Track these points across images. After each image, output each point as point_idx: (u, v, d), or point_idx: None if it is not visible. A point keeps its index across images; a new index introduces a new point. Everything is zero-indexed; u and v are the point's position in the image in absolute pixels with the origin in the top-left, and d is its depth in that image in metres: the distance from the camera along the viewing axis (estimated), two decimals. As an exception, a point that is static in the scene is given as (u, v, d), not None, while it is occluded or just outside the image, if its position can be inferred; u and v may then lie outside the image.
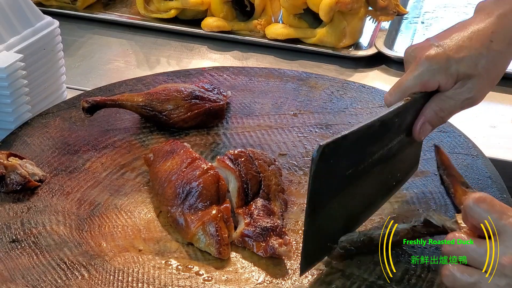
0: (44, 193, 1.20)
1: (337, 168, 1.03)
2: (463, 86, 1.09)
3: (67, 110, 1.41)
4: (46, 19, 1.43)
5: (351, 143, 1.03)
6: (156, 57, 1.82)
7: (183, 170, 1.16)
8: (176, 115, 1.34)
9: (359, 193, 1.09)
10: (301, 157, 1.29)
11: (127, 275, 1.04)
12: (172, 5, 1.90)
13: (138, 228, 1.13)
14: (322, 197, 1.02)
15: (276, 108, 1.44)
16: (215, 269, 1.05)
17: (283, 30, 1.82)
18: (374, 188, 1.13)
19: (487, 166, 1.25)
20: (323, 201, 1.02)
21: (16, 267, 1.05)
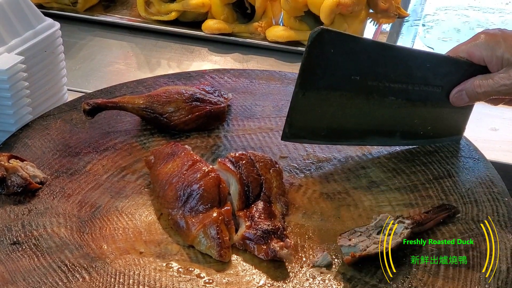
0: (45, 195, 1.20)
1: (339, 63, 1.11)
2: (506, 72, 1.15)
3: (68, 112, 1.41)
4: (47, 21, 1.43)
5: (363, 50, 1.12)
6: (157, 59, 1.82)
7: (184, 173, 1.16)
8: (177, 117, 1.34)
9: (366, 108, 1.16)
10: (302, 160, 1.29)
11: (128, 277, 1.04)
12: (173, 8, 1.90)
13: (139, 230, 1.13)
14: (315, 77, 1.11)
15: (277, 110, 1.44)
16: (216, 271, 1.05)
17: (283, 33, 1.82)
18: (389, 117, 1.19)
19: (489, 169, 1.25)
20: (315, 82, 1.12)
21: (17, 269, 1.05)
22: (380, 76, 1.14)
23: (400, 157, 1.29)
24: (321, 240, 1.11)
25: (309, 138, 1.21)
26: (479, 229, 1.11)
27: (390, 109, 1.18)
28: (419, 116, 1.20)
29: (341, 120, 1.18)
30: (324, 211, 1.17)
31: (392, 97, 1.16)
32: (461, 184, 1.22)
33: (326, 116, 1.17)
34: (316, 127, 1.18)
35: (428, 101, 1.19)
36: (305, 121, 1.17)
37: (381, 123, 1.19)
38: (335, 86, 1.14)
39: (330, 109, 1.16)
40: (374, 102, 1.16)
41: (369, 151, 1.31)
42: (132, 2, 2.04)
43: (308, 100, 1.14)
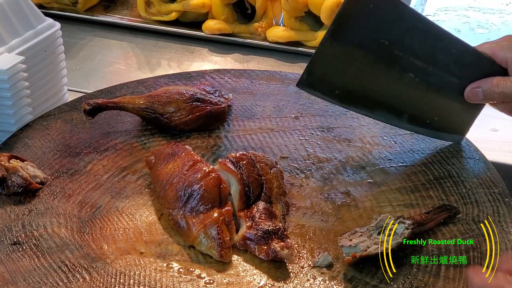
0: (46, 196, 1.20)
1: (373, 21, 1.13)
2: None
3: (68, 112, 1.41)
4: (47, 21, 1.43)
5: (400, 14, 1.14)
6: (157, 59, 1.82)
7: (184, 173, 1.16)
8: (177, 117, 1.34)
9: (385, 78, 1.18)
10: (302, 160, 1.29)
11: (128, 278, 1.04)
12: (173, 8, 1.90)
13: (140, 230, 1.13)
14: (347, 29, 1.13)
15: (277, 111, 1.44)
16: (217, 272, 1.05)
17: (284, 33, 1.82)
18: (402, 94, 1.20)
19: (489, 170, 1.25)
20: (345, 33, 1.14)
21: (18, 270, 1.05)
22: (406, 47, 1.15)
23: (400, 157, 1.29)
24: (322, 240, 1.11)
25: (323, 92, 1.21)
26: (479, 230, 1.11)
27: (406, 87, 1.19)
28: (430, 103, 1.21)
29: (358, 82, 1.19)
30: (325, 212, 1.17)
31: (412, 74, 1.17)
32: (462, 184, 1.22)
33: (346, 74, 1.18)
34: (333, 82, 1.19)
35: (443, 89, 1.19)
36: (324, 73, 1.18)
37: (393, 98, 1.20)
38: (363, 44, 1.15)
39: (351, 67, 1.17)
40: (394, 75, 1.18)
41: (369, 152, 1.31)
42: (133, 2, 2.04)
43: (333, 51, 1.16)
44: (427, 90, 1.20)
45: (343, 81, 1.19)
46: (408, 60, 1.17)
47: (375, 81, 1.19)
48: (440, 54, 1.17)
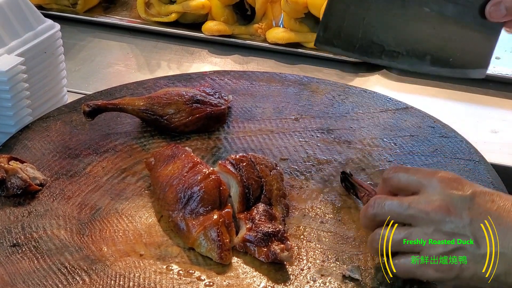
0: (45, 197, 1.19)
1: None
2: None
3: (68, 114, 1.41)
4: (47, 22, 1.43)
5: None
6: (157, 61, 1.82)
7: (184, 175, 1.16)
8: (177, 119, 1.34)
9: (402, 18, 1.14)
10: (302, 162, 1.29)
11: (128, 280, 1.03)
12: (173, 9, 1.90)
13: (139, 232, 1.13)
14: None
15: (277, 112, 1.43)
16: (217, 274, 1.05)
17: (284, 34, 1.82)
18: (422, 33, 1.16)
19: (489, 172, 1.25)
20: None
21: (17, 272, 1.04)
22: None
23: (400, 159, 1.29)
24: (322, 242, 1.11)
25: (343, 48, 1.17)
26: (479, 231, 1.11)
27: (424, 24, 1.15)
28: (449, 38, 1.17)
29: (376, 29, 1.15)
30: (325, 214, 1.17)
31: (427, 8, 1.14)
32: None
33: (363, 23, 1.14)
34: (351, 34, 1.15)
35: (460, 19, 1.15)
36: (341, 25, 1.14)
37: (414, 40, 1.17)
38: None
39: (367, 13, 1.14)
40: (409, 13, 1.14)
41: (369, 153, 1.31)
42: (132, 3, 2.03)
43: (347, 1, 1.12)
44: (445, 23, 1.16)
45: (362, 30, 1.15)
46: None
47: (393, 23, 1.15)
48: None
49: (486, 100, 1.65)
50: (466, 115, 1.53)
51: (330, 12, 1.13)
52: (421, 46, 1.18)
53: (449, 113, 1.32)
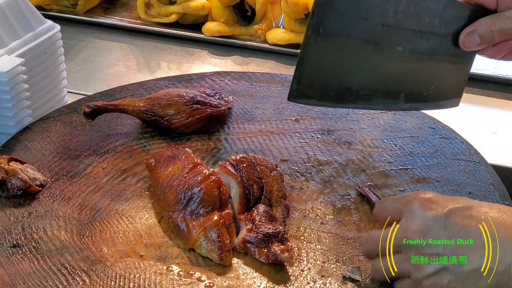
0: (45, 198, 1.19)
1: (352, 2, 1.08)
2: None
3: (68, 115, 1.41)
4: (47, 23, 1.43)
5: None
6: (157, 61, 1.82)
7: (184, 176, 1.16)
8: (177, 120, 1.34)
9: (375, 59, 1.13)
10: (302, 163, 1.29)
11: (128, 280, 1.03)
12: (173, 10, 1.90)
13: (140, 233, 1.13)
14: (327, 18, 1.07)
15: (277, 113, 1.43)
16: (217, 275, 1.05)
17: (284, 35, 1.82)
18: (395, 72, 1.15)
19: (489, 173, 1.25)
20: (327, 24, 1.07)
21: (17, 272, 1.04)
22: (390, 20, 1.09)
23: (400, 160, 1.29)
24: (322, 243, 1.11)
25: (317, 98, 1.14)
26: (479, 232, 1.11)
27: (397, 63, 1.14)
28: (423, 73, 1.17)
29: (350, 75, 1.13)
30: (325, 215, 1.17)
31: (400, 47, 1.12)
32: (462, 187, 1.22)
33: (336, 70, 1.11)
34: (325, 84, 1.12)
35: (433, 54, 1.14)
36: (315, 76, 1.11)
37: (388, 80, 1.15)
38: (346, 31, 1.09)
39: (340, 60, 1.11)
40: (383, 53, 1.12)
41: (369, 155, 1.31)
42: (132, 4, 2.03)
43: (319, 48, 1.09)
44: (418, 59, 1.15)
45: (336, 78, 1.13)
46: (394, 32, 1.12)
47: (367, 67, 1.14)
48: (423, 16, 1.12)
49: (487, 101, 1.65)
50: (466, 116, 1.53)
51: (303, 64, 1.09)
52: (395, 85, 1.16)
53: (449, 114, 1.32)
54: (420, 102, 1.19)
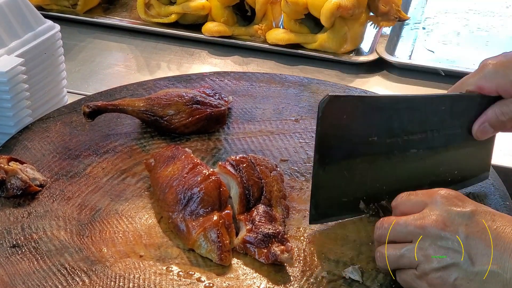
0: (45, 198, 1.19)
1: (354, 127, 1.08)
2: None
3: (68, 115, 1.41)
4: (47, 23, 1.43)
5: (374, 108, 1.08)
6: (157, 61, 1.82)
7: (184, 176, 1.15)
8: (177, 120, 1.34)
9: (390, 167, 1.14)
10: (302, 163, 1.29)
11: (128, 281, 1.03)
12: (173, 10, 1.90)
13: (139, 233, 1.13)
14: (332, 149, 1.08)
15: (277, 113, 1.43)
16: (217, 275, 1.05)
17: (284, 35, 1.82)
18: (414, 171, 1.16)
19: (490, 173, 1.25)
20: (333, 153, 1.09)
21: (17, 272, 1.04)
22: (397, 130, 1.11)
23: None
24: (322, 243, 1.10)
25: (338, 214, 1.15)
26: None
27: (414, 163, 1.14)
28: (443, 163, 1.17)
29: (366, 187, 1.14)
30: (325, 215, 1.17)
31: (413, 149, 1.13)
32: (462, 188, 1.21)
33: (351, 187, 1.13)
34: (342, 201, 1.14)
35: (450, 144, 1.15)
36: (331, 198, 1.13)
37: (407, 179, 1.16)
38: (354, 152, 1.11)
39: (353, 178, 1.13)
40: (397, 160, 1.13)
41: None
42: (132, 4, 2.03)
43: (329, 175, 1.11)
44: (435, 154, 1.15)
45: (352, 194, 1.15)
46: (404, 140, 1.12)
47: (382, 175, 1.14)
48: (432, 117, 1.13)
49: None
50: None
51: (317, 190, 1.12)
52: (416, 181, 1.16)
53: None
54: (446, 186, 1.18)
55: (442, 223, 0.96)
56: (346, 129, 1.08)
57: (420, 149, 1.14)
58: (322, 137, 1.08)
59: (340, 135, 1.09)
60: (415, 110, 1.12)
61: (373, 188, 1.14)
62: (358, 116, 1.08)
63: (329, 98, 1.05)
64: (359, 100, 1.11)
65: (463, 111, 1.14)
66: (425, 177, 1.17)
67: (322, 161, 1.10)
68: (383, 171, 1.14)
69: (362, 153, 1.11)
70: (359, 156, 1.11)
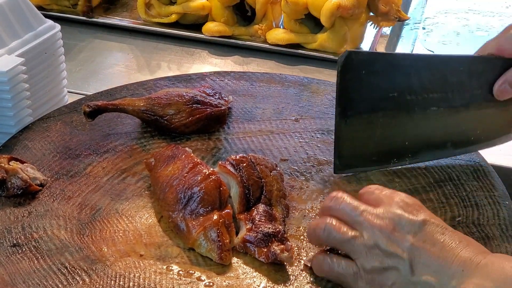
0: (45, 198, 1.19)
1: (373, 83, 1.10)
2: None
3: (68, 114, 1.41)
4: (47, 23, 1.43)
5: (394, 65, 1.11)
6: (157, 61, 1.82)
7: (184, 175, 1.16)
8: (177, 120, 1.34)
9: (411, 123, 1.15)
10: (302, 163, 1.29)
11: (128, 280, 1.03)
12: (173, 10, 1.90)
13: (139, 233, 1.13)
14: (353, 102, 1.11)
15: (277, 113, 1.44)
16: (217, 274, 1.05)
17: (284, 35, 1.82)
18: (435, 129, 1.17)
19: (490, 173, 1.25)
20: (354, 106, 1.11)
21: (17, 272, 1.04)
22: (416, 88, 1.13)
23: (400, 160, 1.29)
24: (322, 243, 1.11)
25: (361, 166, 1.19)
26: (479, 233, 1.11)
27: (435, 120, 1.16)
28: (465, 122, 1.19)
29: (388, 141, 1.16)
30: (325, 214, 1.17)
31: (434, 107, 1.15)
32: (462, 187, 1.22)
33: (373, 140, 1.16)
34: (365, 153, 1.17)
35: (471, 104, 1.17)
36: (354, 149, 1.16)
37: (429, 136, 1.18)
38: (375, 107, 1.14)
39: (375, 132, 1.15)
40: (417, 116, 1.15)
41: (369, 154, 1.31)
42: (133, 4, 2.03)
43: (351, 127, 1.14)
44: (456, 113, 1.17)
45: (375, 146, 1.17)
46: (424, 98, 1.15)
47: (404, 130, 1.17)
48: (451, 78, 1.15)
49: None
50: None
51: (340, 141, 1.15)
52: (438, 138, 1.18)
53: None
54: (470, 145, 1.19)
55: (392, 227, 0.95)
56: (366, 84, 1.11)
57: (440, 107, 1.16)
58: (342, 90, 1.10)
59: (360, 90, 1.11)
60: (434, 70, 1.13)
61: (395, 143, 1.17)
62: (378, 72, 1.11)
63: (348, 53, 1.08)
64: (378, 56, 1.14)
65: (483, 72, 1.15)
66: (447, 135, 1.19)
67: (343, 113, 1.12)
68: (404, 127, 1.16)
69: (382, 107, 1.13)
70: (380, 110, 1.14)
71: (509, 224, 1.13)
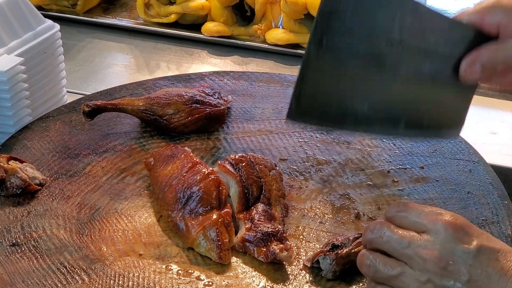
0: (44, 197, 1.19)
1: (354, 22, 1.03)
2: None
3: (67, 114, 1.41)
4: (47, 22, 1.43)
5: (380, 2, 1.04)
6: (156, 61, 1.82)
7: (183, 175, 1.16)
8: (176, 119, 1.34)
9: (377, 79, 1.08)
10: (301, 162, 1.29)
11: (127, 279, 1.03)
12: (172, 10, 1.90)
13: (139, 232, 1.13)
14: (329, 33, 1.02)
15: (276, 113, 1.44)
16: (216, 274, 1.05)
17: (283, 35, 1.82)
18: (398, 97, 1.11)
19: (488, 173, 1.25)
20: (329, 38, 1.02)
21: (16, 271, 1.04)
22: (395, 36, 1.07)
23: (400, 160, 1.29)
24: (321, 242, 1.10)
25: (316, 119, 1.07)
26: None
27: (400, 85, 1.11)
28: (425, 98, 1.14)
29: (351, 96, 1.09)
30: (324, 214, 1.17)
31: (403, 67, 1.09)
32: (461, 187, 1.22)
33: (338, 89, 1.07)
34: (325, 103, 1.06)
35: (436, 78, 1.13)
36: (315, 94, 1.05)
37: (388, 105, 1.13)
38: (350, 44, 1.04)
39: (342, 78, 1.06)
40: (386, 73, 1.10)
41: (368, 154, 1.31)
42: (132, 4, 2.04)
43: (320, 62, 1.03)
44: (421, 83, 1.13)
45: (336, 98, 1.07)
46: (398, 51, 1.10)
47: (368, 88, 1.12)
48: (428, 35, 1.08)
49: (486, 101, 1.65)
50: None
51: (303, 81, 1.04)
52: (395, 111, 1.13)
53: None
54: (420, 129, 1.16)
55: (445, 261, 0.88)
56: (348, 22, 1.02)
57: (409, 71, 1.09)
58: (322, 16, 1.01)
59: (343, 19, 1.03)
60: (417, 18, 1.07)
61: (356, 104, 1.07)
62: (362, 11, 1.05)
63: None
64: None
65: (458, 40, 1.08)
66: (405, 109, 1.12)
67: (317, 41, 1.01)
68: (370, 83, 1.08)
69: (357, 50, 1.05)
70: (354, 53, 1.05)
71: (508, 224, 1.13)
